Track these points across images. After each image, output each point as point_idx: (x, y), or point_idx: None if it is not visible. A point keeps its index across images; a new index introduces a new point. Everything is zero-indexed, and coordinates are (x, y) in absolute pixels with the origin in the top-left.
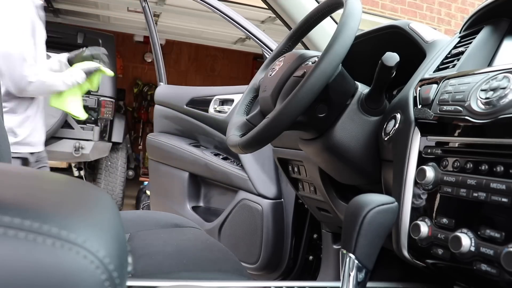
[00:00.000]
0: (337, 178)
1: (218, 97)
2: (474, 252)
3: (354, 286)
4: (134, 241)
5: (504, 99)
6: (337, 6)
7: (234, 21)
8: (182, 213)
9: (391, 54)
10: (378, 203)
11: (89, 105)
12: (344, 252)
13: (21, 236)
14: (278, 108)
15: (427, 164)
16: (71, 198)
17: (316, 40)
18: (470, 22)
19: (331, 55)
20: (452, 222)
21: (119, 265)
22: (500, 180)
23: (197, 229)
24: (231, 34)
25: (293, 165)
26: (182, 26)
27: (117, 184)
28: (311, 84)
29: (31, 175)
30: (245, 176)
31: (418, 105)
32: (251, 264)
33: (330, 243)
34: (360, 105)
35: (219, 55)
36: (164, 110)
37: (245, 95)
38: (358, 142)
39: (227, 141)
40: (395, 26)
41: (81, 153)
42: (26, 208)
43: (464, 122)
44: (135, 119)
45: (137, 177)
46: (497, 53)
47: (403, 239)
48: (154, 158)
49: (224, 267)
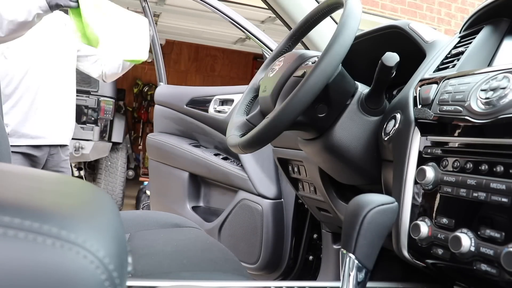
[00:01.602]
0: (337, 178)
1: (218, 97)
2: (474, 252)
3: (354, 286)
4: (134, 241)
5: (504, 99)
6: (337, 6)
7: (234, 21)
8: (182, 213)
9: (391, 54)
10: (378, 203)
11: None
12: (344, 252)
13: (21, 236)
14: (278, 108)
15: (427, 164)
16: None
17: (316, 40)
18: (470, 22)
19: (331, 55)
20: (452, 222)
21: (119, 265)
22: (500, 180)
23: (197, 229)
24: (231, 34)
25: (293, 165)
26: (182, 26)
27: (117, 184)
28: (311, 84)
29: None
30: (245, 176)
31: (418, 105)
32: (251, 264)
33: (330, 243)
34: (360, 105)
35: (219, 55)
36: (164, 110)
37: (245, 95)
38: (358, 142)
39: (227, 141)
40: (395, 26)
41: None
42: (26, 208)
43: (464, 122)
44: (135, 119)
45: (137, 177)
46: (497, 53)
47: (403, 239)
48: (154, 158)
49: (224, 267)
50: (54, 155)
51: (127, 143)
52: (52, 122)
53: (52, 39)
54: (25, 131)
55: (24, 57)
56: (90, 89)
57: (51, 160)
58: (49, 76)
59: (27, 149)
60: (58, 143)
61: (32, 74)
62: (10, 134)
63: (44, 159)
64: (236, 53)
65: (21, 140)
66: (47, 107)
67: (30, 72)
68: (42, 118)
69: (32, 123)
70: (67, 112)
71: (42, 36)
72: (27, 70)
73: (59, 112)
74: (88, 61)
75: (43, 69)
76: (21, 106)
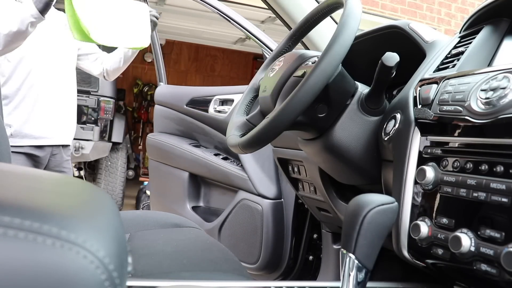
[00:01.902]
0: (337, 178)
1: (218, 97)
2: (474, 252)
3: (354, 286)
4: (134, 241)
5: (504, 99)
6: (337, 6)
7: (234, 21)
8: (182, 213)
9: (391, 54)
10: (378, 203)
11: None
12: (344, 252)
13: (21, 236)
14: (278, 108)
15: (427, 164)
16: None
17: (316, 40)
18: (470, 22)
19: (331, 55)
20: (452, 222)
21: (119, 265)
22: (500, 180)
23: (197, 229)
24: (231, 34)
25: (293, 165)
26: (182, 26)
27: (117, 184)
28: (311, 84)
29: (31, 175)
30: (245, 176)
31: (418, 105)
32: (251, 264)
33: (330, 243)
34: (360, 105)
35: (219, 55)
36: (164, 110)
37: (245, 95)
38: (358, 142)
39: (227, 141)
40: (395, 26)
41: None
42: (26, 208)
43: (464, 122)
44: (135, 119)
45: (137, 177)
46: (497, 53)
47: (403, 239)
48: (154, 158)
49: (224, 267)
50: (56, 155)
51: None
52: (54, 122)
53: (53, 40)
54: (28, 132)
55: (26, 59)
56: (90, 89)
57: (53, 161)
58: (51, 77)
59: (30, 150)
60: (61, 143)
61: (35, 75)
62: (14, 134)
63: (47, 159)
64: (236, 53)
65: (24, 141)
66: (49, 108)
67: (32, 73)
68: (44, 118)
69: (35, 123)
70: (69, 112)
71: (44, 37)
72: (29, 71)
73: (61, 112)
74: (89, 59)
75: (45, 70)
76: (24, 107)
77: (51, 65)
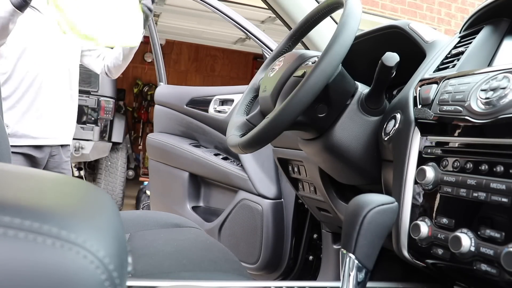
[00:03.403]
0: (337, 178)
1: (218, 97)
2: (474, 252)
3: (354, 286)
4: (134, 241)
5: (504, 99)
6: (337, 6)
7: (234, 21)
8: (182, 213)
9: (391, 54)
10: (378, 203)
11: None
12: (344, 252)
13: (21, 236)
14: (278, 108)
15: (427, 164)
16: (71, 198)
17: (316, 40)
18: (470, 22)
19: (331, 55)
20: (452, 222)
21: (119, 265)
22: (500, 180)
23: (197, 229)
24: (231, 34)
25: (293, 165)
26: (182, 26)
27: (117, 184)
28: (311, 84)
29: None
30: (245, 176)
31: (418, 105)
32: (251, 264)
33: (330, 243)
34: (360, 105)
35: (219, 55)
36: (164, 110)
37: (245, 95)
38: (358, 142)
39: (227, 141)
40: (395, 26)
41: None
42: (26, 208)
43: (464, 122)
44: (135, 119)
45: (137, 177)
46: (497, 53)
47: (403, 239)
48: (154, 158)
49: (224, 267)
50: (55, 156)
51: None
52: (53, 122)
53: (53, 38)
54: (25, 132)
55: (24, 57)
56: (90, 89)
57: (52, 161)
58: (51, 75)
59: (28, 150)
60: (60, 143)
61: (33, 74)
62: (11, 134)
63: (45, 160)
64: (236, 53)
65: (22, 141)
66: (48, 107)
67: (30, 72)
68: (43, 118)
69: (33, 123)
70: (69, 112)
71: (42, 35)
72: (27, 70)
73: (60, 111)
74: (91, 55)
75: (44, 69)
76: (20, 106)
77: (50, 64)
